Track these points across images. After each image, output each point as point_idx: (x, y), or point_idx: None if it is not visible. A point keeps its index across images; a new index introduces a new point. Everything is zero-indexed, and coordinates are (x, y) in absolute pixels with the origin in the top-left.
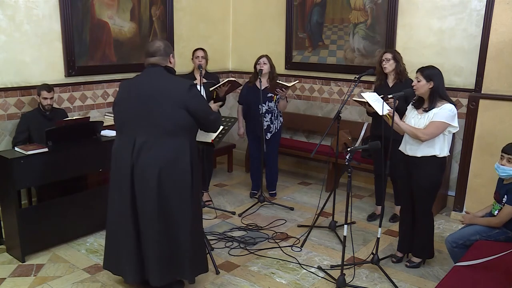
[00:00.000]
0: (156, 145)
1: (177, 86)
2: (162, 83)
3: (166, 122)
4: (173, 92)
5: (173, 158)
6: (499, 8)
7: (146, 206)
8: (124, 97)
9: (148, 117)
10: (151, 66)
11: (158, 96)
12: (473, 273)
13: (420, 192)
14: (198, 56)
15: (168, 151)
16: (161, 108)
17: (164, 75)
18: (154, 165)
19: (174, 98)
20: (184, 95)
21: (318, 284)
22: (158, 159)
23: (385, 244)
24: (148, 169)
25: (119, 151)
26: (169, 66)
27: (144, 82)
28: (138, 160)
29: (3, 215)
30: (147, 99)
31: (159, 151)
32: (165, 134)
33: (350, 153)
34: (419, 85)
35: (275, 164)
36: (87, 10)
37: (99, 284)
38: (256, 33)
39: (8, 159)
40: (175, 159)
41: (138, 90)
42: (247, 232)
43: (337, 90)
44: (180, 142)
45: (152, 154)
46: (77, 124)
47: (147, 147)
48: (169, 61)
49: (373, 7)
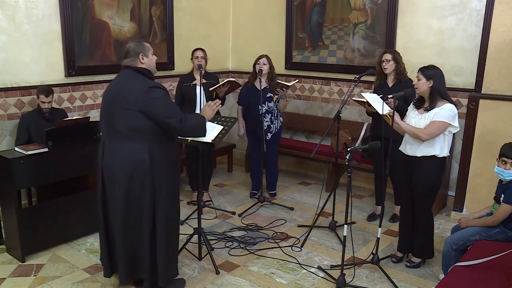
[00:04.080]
0: (117, 148)
1: (135, 88)
2: (123, 86)
3: (121, 125)
4: (129, 94)
5: (133, 161)
6: (499, 8)
7: (114, 209)
8: (102, 100)
9: (110, 120)
10: (124, 68)
11: (116, 99)
12: (473, 273)
13: (420, 192)
14: (198, 56)
15: (128, 155)
16: (118, 111)
17: (130, 77)
18: (117, 168)
19: (129, 100)
20: (140, 97)
21: (318, 284)
22: (120, 162)
23: (385, 244)
24: (113, 171)
25: (97, 153)
26: (139, 67)
27: (112, 85)
28: (105, 163)
29: (3, 215)
30: (110, 102)
31: (119, 155)
32: (123, 138)
33: (350, 153)
34: (419, 84)
35: (275, 164)
36: (87, 10)
37: (99, 284)
38: (256, 33)
39: (8, 159)
40: (135, 162)
41: (107, 93)
42: (247, 232)
43: (337, 90)
44: (138, 146)
45: (114, 158)
46: (77, 124)
47: (110, 150)
48: (139, 61)
49: (373, 7)
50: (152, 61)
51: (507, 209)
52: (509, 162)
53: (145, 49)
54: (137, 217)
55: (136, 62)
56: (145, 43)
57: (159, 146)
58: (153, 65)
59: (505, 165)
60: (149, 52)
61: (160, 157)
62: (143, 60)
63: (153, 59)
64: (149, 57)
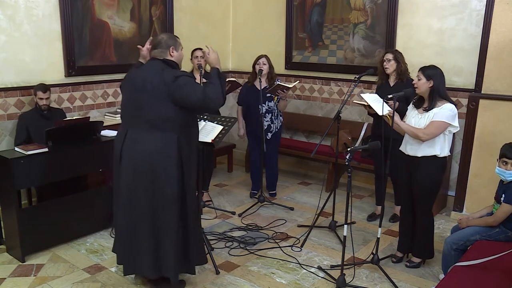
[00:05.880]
0: (143, 138)
1: (163, 78)
2: (152, 76)
3: (151, 115)
4: (158, 84)
5: (157, 151)
6: (499, 8)
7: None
8: (124, 89)
9: (137, 110)
10: (152, 59)
11: (145, 89)
12: (473, 273)
13: (420, 192)
14: (197, 56)
15: (153, 145)
16: (146, 101)
17: (158, 68)
18: (140, 157)
19: (159, 90)
20: (169, 86)
21: (318, 284)
22: (143, 151)
23: (385, 244)
24: (134, 160)
25: (115, 142)
26: (168, 59)
27: (139, 75)
28: (125, 152)
29: (3, 215)
30: (137, 92)
31: (144, 145)
32: (151, 128)
33: (350, 153)
34: (419, 83)
35: (275, 164)
36: (87, 10)
37: (99, 284)
38: (256, 33)
39: (8, 159)
40: (159, 152)
41: (133, 82)
42: (247, 232)
43: (337, 90)
44: (166, 136)
45: (138, 146)
46: (77, 124)
47: (134, 139)
48: (169, 54)
49: (373, 7)
50: (180, 56)
51: (508, 209)
52: (509, 163)
53: (176, 43)
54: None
55: (166, 54)
56: (178, 38)
57: (186, 139)
58: (181, 61)
59: (506, 165)
60: (179, 47)
61: (187, 151)
62: (172, 53)
63: (182, 55)
64: (178, 51)
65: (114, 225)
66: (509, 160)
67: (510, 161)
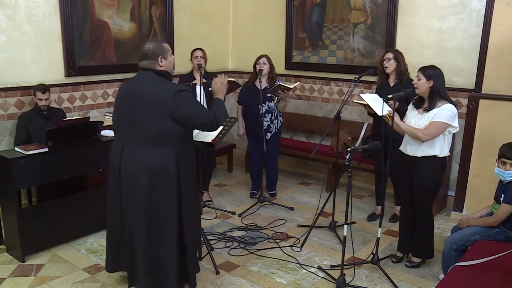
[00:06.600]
0: (141, 153)
1: (162, 93)
2: (148, 89)
3: (149, 130)
4: (157, 99)
5: (157, 168)
6: (499, 8)
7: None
8: (118, 100)
9: (134, 124)
10: (142, 70)
11: (142, 103)
12: (473, 273)
13: (420, 192)
14: (197, 56)
15: (152, 161)
16: (144, 116)
17: (152, 80)
18: (139, 174)
19: (158, 106)
20: (169, 102)
21: (318, 284)
22: (143, 168)
23: (385, 244)
24: (133, 178)
25: (111, 155)
26: (159, 70)
27: (133, 87)
28: (124, 168)
29: (3, 215)
30: (133, 105)
31: (143, 160)
32: (149, 143)
33: (350, 153)
34: (419, 83)
35: (275, 164)
36: (87, 10)
37: (99, 284)
38: (256, 33)
39: (8, 159)
40: (159, 169)
41: (128, 94)
42: (247, 232)
43: (337, 90)
44: (165, 151)
45: (137, 163)
46: (77, 124)
47: (132, 155)
48: (158, 65)
49: (373, 7)
50: (170, 62)
51: (507, 209)
52: (508, 163)
53: (164, 52)
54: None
55: (155, 65)
56: (164, 44)
57: (184, 152)
58: (171, 66)
59: (505, 165)
60: (168, 54)
61: (186, 164)
62: (161, 63)
63: (171, 61)
64: (167, 59)
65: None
66: (507, 160)
67: (509, 161)
